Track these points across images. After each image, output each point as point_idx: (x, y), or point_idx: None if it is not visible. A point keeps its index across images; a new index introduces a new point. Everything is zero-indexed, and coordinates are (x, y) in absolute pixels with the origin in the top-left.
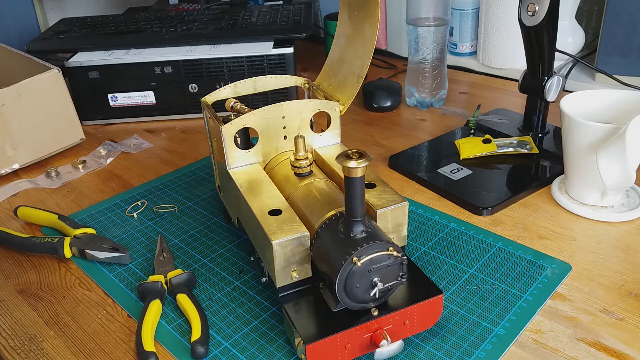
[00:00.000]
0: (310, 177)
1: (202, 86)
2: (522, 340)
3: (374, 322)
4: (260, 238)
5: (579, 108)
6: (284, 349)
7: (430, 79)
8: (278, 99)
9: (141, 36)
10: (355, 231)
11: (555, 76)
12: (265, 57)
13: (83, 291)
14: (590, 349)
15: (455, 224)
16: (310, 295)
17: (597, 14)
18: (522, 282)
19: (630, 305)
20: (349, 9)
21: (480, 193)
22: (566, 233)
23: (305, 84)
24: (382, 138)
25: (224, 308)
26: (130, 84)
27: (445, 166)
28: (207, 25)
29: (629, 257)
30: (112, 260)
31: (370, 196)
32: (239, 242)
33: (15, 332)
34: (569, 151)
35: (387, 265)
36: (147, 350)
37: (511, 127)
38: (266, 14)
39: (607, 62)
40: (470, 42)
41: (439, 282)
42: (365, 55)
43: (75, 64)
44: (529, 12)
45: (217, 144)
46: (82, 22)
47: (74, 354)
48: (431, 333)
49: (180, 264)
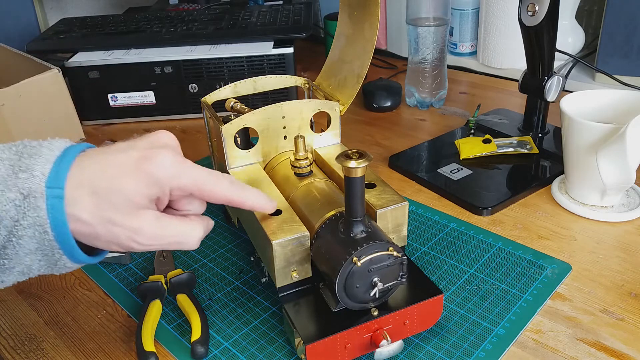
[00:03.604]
0: (310, 177)
1: (202, 86)
2: (522, 340)
3: (374, 322)
4: (260, 238)
5: (579, 108)
6: (284, 349)
7: (430, 79)
8: (278, 99)
9: (141, 36)
10: (355, 231)
11: (555, 76)
12: (265, 57)
13: (83, 291)
14: (590, 349)
15: (455, 224)
16: (310, 295)
17: (597, 14)
18: (522, 282)
19: (630, 305)
20: (349, 9)
21: (480, 193)
22: (566, 233)
23: (305, 84)
24: (382, 138)
25: (224, 308)
26: (130, 84)
27: (445, 166)
28: (207, 25)
29: (629, 257)
30: (112, 260)
31: (370, 196)
32: (239, 242)
33: (15, 332)
34: (569, 151)
35: (387, 265)
36: (147, 350)
37: (511, 127)
38: (266, 14)
39: (607, 62)
40: (470, 42)
41: (439, 282)
42: (365, 55)
43: (75, 64)
44: (529, 12)
45: (217, 144)
46: (82, 22)
47: (74, 354)
48: (431, 333)
49: (180, 264)
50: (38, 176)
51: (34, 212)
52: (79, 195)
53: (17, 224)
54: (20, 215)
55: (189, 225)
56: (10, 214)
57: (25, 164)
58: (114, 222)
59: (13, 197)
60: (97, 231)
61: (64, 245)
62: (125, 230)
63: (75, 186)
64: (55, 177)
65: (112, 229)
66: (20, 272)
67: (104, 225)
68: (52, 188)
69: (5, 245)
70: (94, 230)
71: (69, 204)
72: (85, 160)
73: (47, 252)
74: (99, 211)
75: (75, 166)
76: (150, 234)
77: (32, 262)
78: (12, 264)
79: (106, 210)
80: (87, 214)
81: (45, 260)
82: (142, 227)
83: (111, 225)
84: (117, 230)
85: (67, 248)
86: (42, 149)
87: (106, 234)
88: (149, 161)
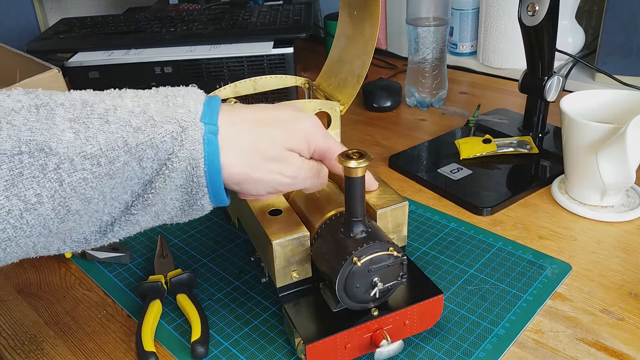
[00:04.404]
0: None
1: (202, 86)
2: (522, 340)
3: (374, 322)
4: (260, 238)
5: (579, 108)
6: (284, 349)
7: (430, 79)
8: (278, 99)
9: (141, 36)
10: (355, 231)
11: (555, 76)
12: (265, 57)
13: (83, 291)
14: (590, 349)
15: (455, 224)
16: (310, 295)
17: (597, 14)
18: (522, 282)
19: (630, 305)
20: (349, 9)
21: (480, 193)
22: (566, 233)
23: (305, 84)
24: (382, 138)
25: (224, 308)
26: (130, 84)
27: (445, 166)
28: (207, 25)
29: (629, 257)
30: (112, 260)
31: (370, 196)
32: (239, 242)
33: (15, 332)
34: (569, 151)
35: (387, 265)
36: (147, 350)
37: (511, 127)
38: (266, 14)
39: (607, 62)
40: (470, 42)
41: (439, 282)
42: (365, 55)
43: (75, 64)
44: (529, 12)
45: None
46: (82, 22)
47: (74, 354)
48: (431, 333)
49: (180, 264)
50: (194, 112)
51: (191, 145)
52: (238, 130)
53: (172, 156)
54: (177, 148)
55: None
56: (166, 146)
57: (179, 101)
58: (267, 156)
59: (171, 129)
60: (252, 166)
61: (212, 183)
62: (277, 165)
63: (232, 123)
64: (210, 114)
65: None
66: (155, 212)
67: (259, 160)
68: (208, 124)
69: (153, 180)
70: (249, 165)
71: (227, 138)
72: (234, 107)
73: (190, 190)
74: (256, 147)
75: (224, 110)
76: (297, 167)
77: (171, 201)
78: (155, 199)
79: (263, 146)
80: (245, 147)
81: (184, 200)
82: (292, 161)
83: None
84: (270, 166)
85: (213, 186)
86: (189, 92)
87: (260, 169)
88: (301, 121)
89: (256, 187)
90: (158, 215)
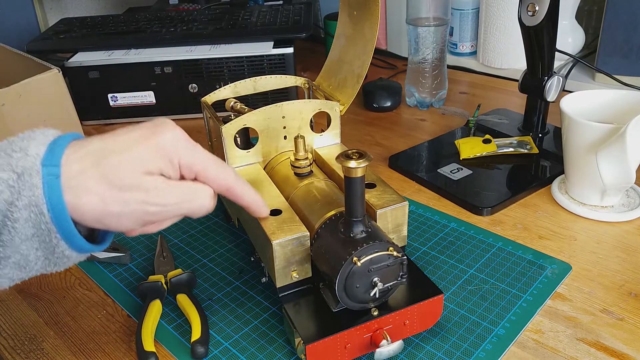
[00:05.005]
0: (310, 177)
1: (202, 86)
2: (522, 340)
3: (374, 322)
4: (260, 238)
5: (579, 108)
6: (284, 349)
7: (430, 79)
8: (278, 99)
9: (141, 36)
10: (355, 231)
11: (555, 76)
12: (265, 57)
13: (83, 291)
14: (590, 349)
15: (455, 224)
16: (310, 295)
17: (597, 14)
18: (522, 282)
19: (630, 305)
20: (349, 9)
21: (480, 193)
22: (566, 233)
23: (305, 84)
24: (382, 138)
25: (224, 308)
26: (130, 84)
27: (445, 166)
28: (207, 25)
29: (629, 257)
30: (112, 260)
31: (370, 196)
32: (239, 242)
33: (15, 332)
34: (569, 151)
35: (387, 265)
36: (147, 350)
37: (511, 127)
38: (266, 14)
39: (607, 62)
40: (470, 42)
41: (439, 282)
42: (365, 55)
43: (75, 64)
44: (529, 12)
45: (217, 144)
46: (82, 22)
47: (74, 354)
48: (431, 333)
49: (180, 264)
50: (32, 155)
51: (29, 192)
52: (83, 167)
53: (11, 206)
54: (14, 197)
55: (198, 183)
56: (3, 196)
57: (18, 146)
58: (123, 186)
59: (6, 177)
60: (105, 201)
61: (62, 228)
62: (135, 194)
63: (76, 160)
64: (50, 156)
65: (121, 195)
66: (16, 263)
67: (113, 192)
68: (48, 166)
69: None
70: (102, 200)
71: (72, 176)
72: (84, 141)
73: (44, 238)
74: (106, 179)
75: (71, 146)
76: (162, 191)
77: (28, 251)
78: (8, 252)
79: (114, 176)
80: (93, 182)
81: (43, 249)
82: (154, 186)
83: (120, 191)
84: (127, 196)
85: (65, 232)
86: (35, 134)
87: (116, 202)
88: (158, 135)
89: (120, 221)
90: (22, 268)
